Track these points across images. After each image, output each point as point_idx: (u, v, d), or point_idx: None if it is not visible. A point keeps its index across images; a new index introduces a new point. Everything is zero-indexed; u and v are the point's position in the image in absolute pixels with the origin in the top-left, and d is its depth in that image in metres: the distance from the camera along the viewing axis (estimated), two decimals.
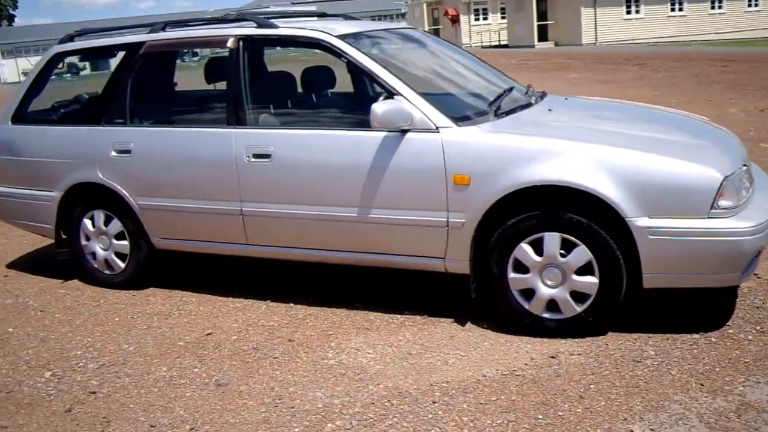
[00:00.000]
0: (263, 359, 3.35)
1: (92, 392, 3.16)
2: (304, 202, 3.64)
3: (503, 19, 39.18)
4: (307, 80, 4.42)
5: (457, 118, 3.40)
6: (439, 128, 3.34)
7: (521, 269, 3.29)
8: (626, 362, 3.02)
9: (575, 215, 3.13)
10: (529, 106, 3.82)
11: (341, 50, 3.62)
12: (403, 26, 4.56)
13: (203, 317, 3.91)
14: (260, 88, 3.98)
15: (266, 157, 3.67)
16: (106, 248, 4.35)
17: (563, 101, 4.16)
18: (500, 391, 2.88)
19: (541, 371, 3.01)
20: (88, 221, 4.36)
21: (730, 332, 3.20)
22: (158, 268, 4.38)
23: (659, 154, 3.10)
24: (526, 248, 3.25)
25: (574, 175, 3.08)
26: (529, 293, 3.32)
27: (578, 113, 4.00)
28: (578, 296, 3.23)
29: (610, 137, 3.29)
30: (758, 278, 3.78)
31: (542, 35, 33.43)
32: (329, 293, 4.05)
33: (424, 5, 44.72)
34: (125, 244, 4.28)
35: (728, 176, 3.01)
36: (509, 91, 3.95)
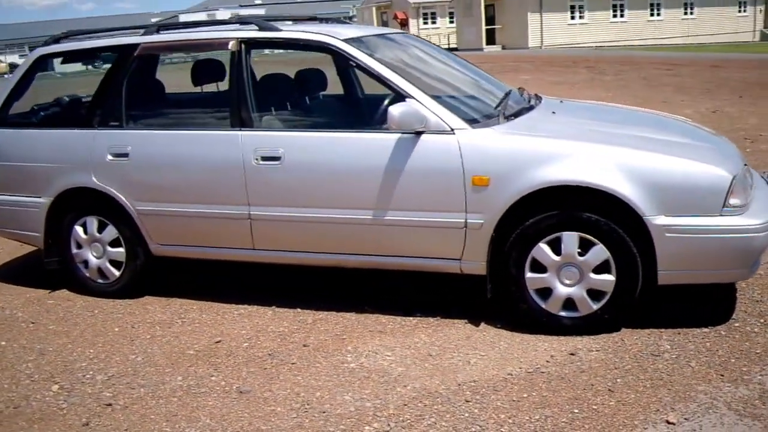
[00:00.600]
0: (281, 365, 3.30)
1: (107, 404, 3.05)
2: (316, 205, 3.61)
3: (451, 23, 39.98)
4: (301, 82, 4.40)
5: (469, 120, 3.44)
6: (454, 130, 3.37)
7: (539, 269, 3.35)
8: (645, 356, 3.11)
9: (594, 215, 3.20)
10: (531, 108, 3.89)
11: (350, 54, 3.62)
12: (394, 31, 4.57)
13: (208, 325, 3.82)
14: (265, 89, 3.93)
15: (276, 159, 3.63)
16: (99, 256, 4.21)
17: (561, 104, 4.25)
18: (530, 388, 2.92)
19: (564, 368, 3.07)
20: (79, 228, 4.21)
21: (736, 325, 3.33)
22: (153, 275, 4.26)
23: (673, 155, 3.22)
24: (544, 248, 3.31)
25: (593, 175, 3.16)
26: (545, 292, 3.38)
27: (580, 116, 4.10)
28: (595, 294, 3.31)
29: (622, 139, 3.39)
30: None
31: (490, 39, 34.46)
32: (335, 297, 4.02)
33: (373, 8, 44.96)
34: (121, 251, 4.15)
35: (736, 175, 3.15)
36: (509, 93, 4.02)
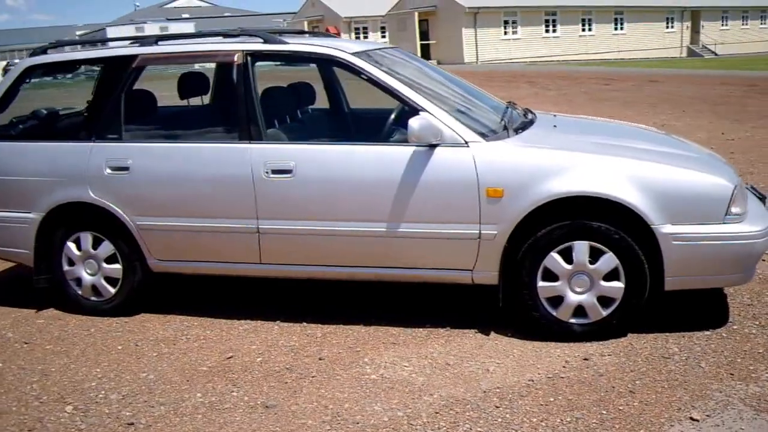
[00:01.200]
0: (301, 379, 3.29)
1: (129, 423, 2.98)
2: (328, 218, 3.63)
3: (383, 37, 40.38)
4: (296, 95, 4.43)
5: (481, 133, 3.54)
6: (468, 143, 3.47)
7: (550, 277, 3.46)
8: (656, 359, 3.25)
9: (604, 224, 3.34)
10: (532, 122, 4.02)
11: (360, 68, 3.67)
12: (389, 45, 4.65)
13: (214, 341, 3.77)
14: (271, 102, 3.93)
15: (287, 172, 3.63)
16: (93, 273, 4.09)
17: (557, 119, 4.41)
18: (554, 392, 3.02)
19: (582, 372, 3.18)
20: (72, 245, 4.08)
21: (735, 328, 3.52)
22: (150, 293, 4.17)
23: (678, 166, 3.40)
24: (556, 257, 3.42)
25: (605, 186, 3.30)
26: (556, 300, 3.49)
27: (579, 130, 4.27)
28: (604, 301, 3.44)
29: (628, 151, 3.55)
30: None
31: (425, 54, 34.96)
32: (340, 311, 4.03)
33: (305, 23, 44.98)
34: (117, 267, 4.05)
35: (737, 185, 3.35)
36: (509, 108, 4.15)
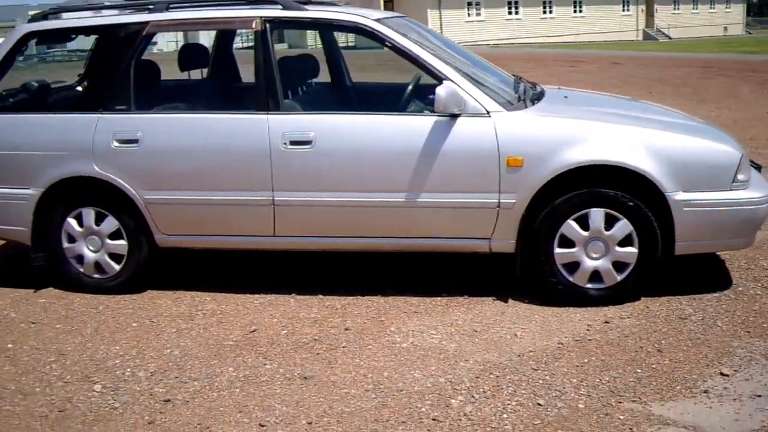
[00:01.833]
0: (333, 350, 3.30)
1: (166, 400, 2.93)
2: (347, 189, 3.61)
3: None
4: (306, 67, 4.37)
5: (502, 103, 3.58)
6: (490, 113, 3.50)
7: (567, 244, 3.56)
8: (675, 320, 3.40)
9: (619, 192, 3.45)
10: (543, 94, 4.08)
11: (385, 35, 3.64)
12: (397, 14, 4.57)
13: (233, 316, 3.72)
14: (289, 72, 3.86)
15: (306, 143, 3.59)
16: (96, 249, 3.96)
17: (564, 91, 4.47)
18: (586, 354, 3.13)
19: (607, 334, 3.30)
20: (73, 221, 3.94)
21: (740, 290, 3.71)
22: (155, 269, 4.08)
23: (688, 135, 3.53)
24: (572, 224, 3.52)
25: (622, 155, 3.41)
26: (572, 266, 3.59)
27: (589, 102, 4.36)
28: (619, 266, 3.56)
29: (640, 121, 3.67)
30: None
31: None
32: (352, 283, 4.03)
33: None
34: (122, 243, 3.93)
35: (743, 153, 3.51)
36: (520, 79, 4.21)
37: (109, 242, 3.94)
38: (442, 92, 3.38)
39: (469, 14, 34.39)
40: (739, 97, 11.77)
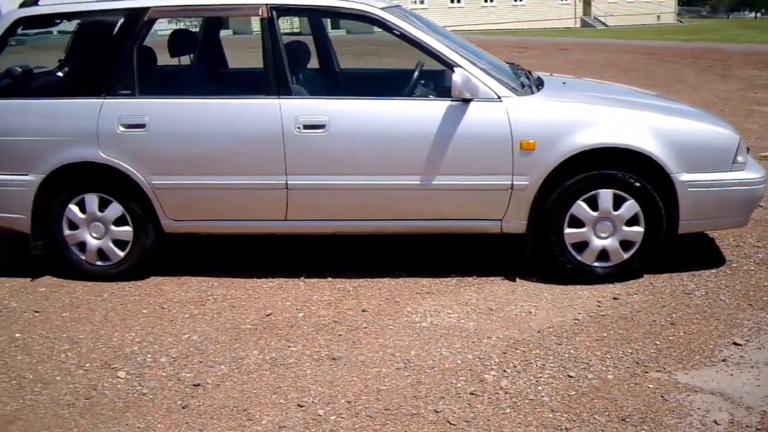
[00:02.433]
0: (354, 331, 3.32)
1: (195, 384, 2.90)
2: (361, 172, 3.63)
3: None
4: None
5: (511, 88, 3.66)
6: (501, 98, 3.57)
7: (576, 224, 3.66)
8: (680, 295, 3.55)
9: (627, 173, 3.57)
10: (542, 81, 4.17)
11: (392, 23, 3.66)
12: (393, 4, 4.60)
13: (244, 300, 3.70)
14: (297, 57, 3.84)
15: (320, 127, 3.59)
16: (100, 236, 3.86)
17: (560, 78, 4.58)
18: (603, 328, 3.24)
19: (619, 310, 3.42)
20: (75, 207, 3.83)
21: (734, 266, 3.90)
22: (161, 254, 4.01)
23: (690, 119, 3.68)
24: (582, 205, 3.63)
25: (630, 138, 3.53)
26: (581, 246, 3.70)
27: (587, 88, 4.47)
28: (625, 244, 3.69)
29: (643, 105, 3.80)
30: None
31: (334, 23, 34.63)
32: (358, 265, 4.05)
33: None
34: (127, 230, 3.85)
35: (740, 136, 3.68)
36: (518, 66, 4.29)
37: (113, 228, 3.85)
38: (458, 78, 3.44)
39: (413, 2, 34.60)
40: (686, 82, 12.24)
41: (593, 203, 3.63)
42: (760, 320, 3.26)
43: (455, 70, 3.54)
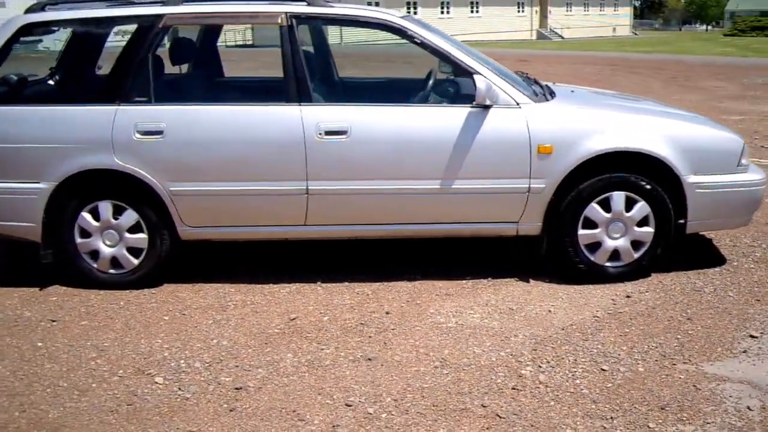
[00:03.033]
0: (383, 332, 3.36)
1: (237, 388, 2.90)
2: (383, 177, 3.68)
3: None
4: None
5: (529, 95, 3.77)
6: (520, 104, 3.69)
7: (589, 226, 3.79)
8: (690, 292, 3.71)
9: (638, 176, 3.72)
10: (552, 89, 4.30)
11: (413, 32, 3.74)
12: (406, 15, 4.68)
13: (265, 305, 3.70)
14: (315, 64, 3.88)
15: (342, 133, 3.64)
16: (113, 244, 3.81)
17: (566, 87, 4.71)
18: (624, 325, 3.36)
19: (635, 307, 3.55)
20: (87, 215, 3.77)
21: (735, 264, 4.09)
22: (175, 262, 3.98)
23: (696, 124, 3.86)
24: (596, 207, 3.76)
25: (642, 142, 3.68)
26: (594, 246, 3.83)
27: (594, 95, 4.64)
28: (635, 245, 3.83)
29: (652, 113, 3.96)
30: None
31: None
32: (372, 270, 4.09)
33: None
34: (142, 237, 3.81)
35: (744, 141, 3.88)
36: (527, 74, 4.42)
37: (128, 236, 3.80)
38: (482, 85, 3.54)
39: (408, 10, 35.00)
40: (653, 92, 12.67)
41: (606, 205, 3.77)
42: None
43: (475, 77, 3.63)
